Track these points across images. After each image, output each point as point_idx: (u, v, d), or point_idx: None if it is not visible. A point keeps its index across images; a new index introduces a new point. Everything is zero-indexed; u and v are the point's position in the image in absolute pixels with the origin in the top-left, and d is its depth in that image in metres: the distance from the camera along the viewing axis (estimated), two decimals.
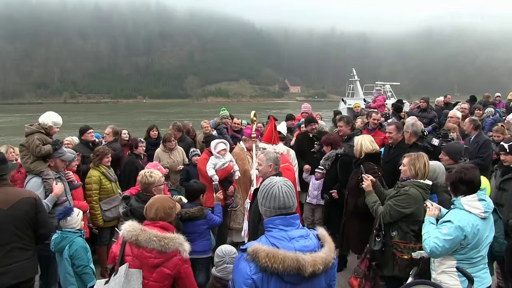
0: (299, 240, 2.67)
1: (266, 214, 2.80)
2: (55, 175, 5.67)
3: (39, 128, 5.84)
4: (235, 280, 2.68)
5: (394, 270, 4.71)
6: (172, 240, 3.53)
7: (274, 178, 2.88)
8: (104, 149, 7.10)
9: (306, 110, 11.00)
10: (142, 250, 3.52)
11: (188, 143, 9.92)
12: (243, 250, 2.66)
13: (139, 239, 3.50)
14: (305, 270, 2.50)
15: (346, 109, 23.42)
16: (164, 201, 3.84)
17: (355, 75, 33.10)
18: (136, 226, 3.58)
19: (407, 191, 4.61)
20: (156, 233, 3.54)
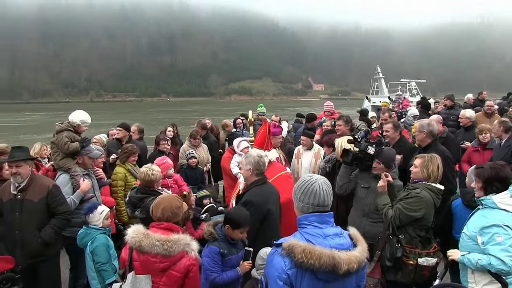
0: (334, 238, 2.67)
1: (302, 210, 2.80)
2: (83, 172, 5.78)
3: (68, 126, 5.96)
4: (268, 275, 2.67)
5: (397, 275, 4.50)
6: (176, 243, 3.41)
7: (314, 175, 2.89)
8: (132, 147, 7.21)
9: (328, 108, 10.91)
10: (147, 256, 3.42)
11: (211, 141, 9.99)
12: (277, 245, 2.65)
13: (142, 245, 3.39)
14: (340, 267, 2.50)
15: (371, 107, 23.17)
16: (171, 201, 3.73)
17: (380, 73, 32.68)
18: (140, 231, 3.47)
19: (418, 193, 4.44)
20: (159, 236, 3.43)
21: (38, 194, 4.80)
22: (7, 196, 4.86)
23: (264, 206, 4.59)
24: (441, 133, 7.73)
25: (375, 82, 33.02)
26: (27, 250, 4.78)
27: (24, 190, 4.79)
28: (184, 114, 62.91)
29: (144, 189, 5.32)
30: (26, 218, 4.72)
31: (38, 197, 4.79)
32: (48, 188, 4.87)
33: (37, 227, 4.78)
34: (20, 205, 4.76)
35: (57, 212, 4.94)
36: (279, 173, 5.94)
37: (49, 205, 4.86)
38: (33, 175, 4.95)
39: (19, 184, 4.78)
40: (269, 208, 4.64)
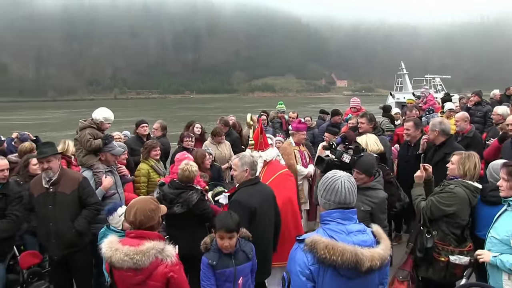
0: (357, 234, 2.68)
1: (324, 206, 2.82)
2: (106, 168, 5.89)
3: (91, 123, 6.07)
4: (290, 271, 2.68)
5: (428, 272, 4.50)
6: (145, 254, 3.17)
7: (338, 172, 2.89)
8: (152, 142, 7.28)
9: (354, 104, 10.81)
10: (121, 271, 3.24)
11: (234, 137, 10.00)
12: (299, 240, 2.67)
13: (113, 261, 3.21)
14: (363, 264, 2.51)
15: (395, 103, 22.91)
16: (144, 203, 3.47)
17: (404, 69, 32.35)
18: (111, 246, 3.27)
19: (452, 189, 4.40)
20: (128, 250, 3.21)
21: (69, 187, 4.99)
22: (38, 191, 5.06)
23: (251, 206, 4.53)
24: (467, 132, 7.57)
25: (399, 78, 32.70)
26: (61, 241, 4.96)
27: (56, 183, 4.97)
28: (205, 111, 63.27)
29: (179, 184, 5.38)
30: (59, 210, 4.90)
31: (70, 189, 4.98)
32: (79, 180, 5.07)
33: (70, 218, 4.97)
34: (53, 198, 4.93)
35: (88, 203, 5.13)
36: (278, 172, 5.82)
37: (80, 196, 5.04)
38: (62, 169, 5.16)
39: (50, 178, 4.91)
40: (256, 207, 4.55)
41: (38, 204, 5.07)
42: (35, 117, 63.20)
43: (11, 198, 5.17)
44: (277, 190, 5.36)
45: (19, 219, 5.20)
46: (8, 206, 5.14)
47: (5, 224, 5.04)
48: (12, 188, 5.31)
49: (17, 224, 5.22)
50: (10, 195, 5.18)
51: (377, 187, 4.73)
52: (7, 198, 5.15)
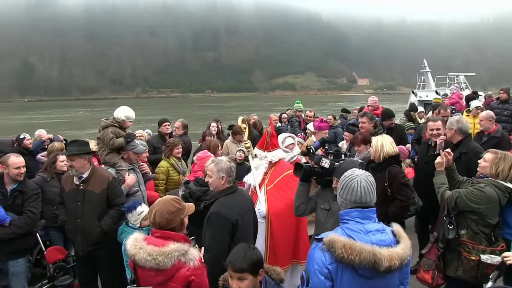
0: (375, 234, 2.65)
1: (342, 205, 2.82)
2: (128, 166, 5.97)
3: (113, 122, 6.15)
4: (309, 270, 2.67)
5: (458, 271, 4.35)
6: (168, 256, 3.08)
7: (356, 171, 2.88)
8: (174, 140, 7.35)
9: (372, 103, 10.70)
10: (143, 269, 3.18)
11: (254, 136, 10.02)
12: (318, 239, 2.66)
13: (136, 259, 3.15)
14: (381, 264, 2.48)
15: (417, 102, 22.64)
16: (164, 205, 3.34)
17: (426, 66, 31.82)
18: (136, 244, 3.20)
19: (482, 188, 4.22)
20: (152, 249, 3.13)
21: (99, 186, 5.10)
22: (69, 186, 5.21)
23: (233, 218, 4.04)
24: (493, 132, 7.39)
25: (421, 76, 32.19)
26: (87, 237, 5.07)
27: (86, 181, 5.09)
28: (224, 110, 63.20)
29: (202, 181, 5.44)
30: (87, 207, 5.01)
31: (99, 188, 5.09)
32: (109, 180, 5.18)
33: (97, 216, 5.08)
34: (82, 195, 5.05)
35: (115, 203, 5.24)
36: (285, 173, 5.62)
37: (108, 196, 5.14)
38: (94, 168, 5.25)
39: (81, 176, 5.04)
40: (237, 219, 4.06)
41: (68, 200, 5.19)
42: (58, 115, 64.27)
43: (28, 194, 5.26)
44: (282, 191, 5.32)
45: (35, 215, 5.28)
46: (25, 203, 5.24)
47: (21, 221, 5.13)
48: (28, 185, 5.40)
49: (34, 221, 5.30)
50: (27, 192, 5.27)
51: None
52: (24, 195, 5.25)
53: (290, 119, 11.88)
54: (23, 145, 8.90)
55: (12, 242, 5.04)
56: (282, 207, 5.20)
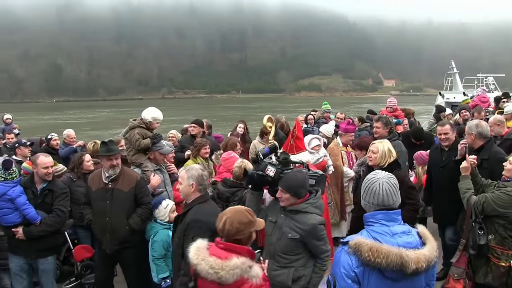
0: (401, 236, 2.64)
1: (365, 208, 2.82)
2: (155, 167, 6.05)
3: (140, 123, 6.25)
4: (335, 274, 2.66)
5: (487, 278, 4.27)
6: (231, 271, 2.91)
7: (379, 173, 2.87)
8: (202, 140, 7.40)
9: (391, 104, 10.60)
10: (204, 280, 3.04)
11: (281, 137, 10.01)
12: (344, 243, 2.65)
13: (198, 270, 3.01)
14: (408, 266, 2.47)
15: (444, 103, 22.31)
16: (236, 213, 3.20)
17: (454, 68, 31.35)
18: (199, 253, 3.05)
19: (509, 192, 4.18)
20: (214, 262, 2.97)
21: (127, 184, 5.21)
22: (96, 186, 5.33)
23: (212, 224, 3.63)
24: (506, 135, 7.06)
25: (449, 78, 31.72)
26: (115, 236, 5.16)
27: (115, 180, 5.20)
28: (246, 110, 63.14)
29: (233, 182, 5.52)
30: (116, 206, 5.11)
31: (128, 187, 5.20)
32: (137, 179, 5.29)
33: (125, 215, 5.18)
34: (111, 193, 5.17)
35: (143, 202, 5.33)
36: None
37: (136, 195, 5.23)
38: (122, 167, 5.35)
39: (109, 175, 5.14)
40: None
41: (96, 198, 5.29)
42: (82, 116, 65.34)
43: (56, 193, 5.36)
44: None
45: (64, 214, 5.39)
46: (54, 202, 5.35)
47: (51, 219, 5.25)
48: (57, 184, 5.51)
49: (62, 219, 5.41)
50: (56, 190, 5.37)
51: (310, 211, 3.82)
52: (53, 193, 5.35)
53: (317, 120, 11.81)
54: (50, 145, 9.10)
55: (41, 240, 5.16)
56: None
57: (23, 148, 8.23)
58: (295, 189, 3.76)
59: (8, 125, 13.67)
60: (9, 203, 5.06)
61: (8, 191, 5.05)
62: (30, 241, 5.14)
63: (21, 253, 5.26)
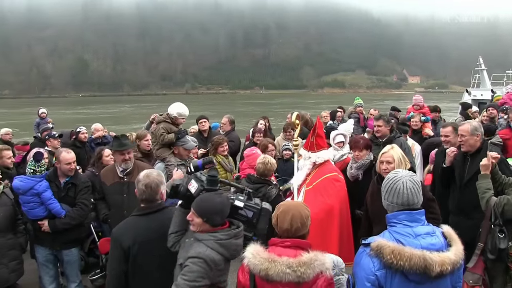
0: (425, 237, 2.57)
1: (388, 208, 2.75)
2: (178, 162, 6.11)
3: (166, 118, 6.35)
4: (356, 275, 2.63)
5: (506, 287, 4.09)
6: (310, 266, 2.78)
7: (400, 172, 2.81)
8: (218, 138, 7.42)
9: (417, 102, 10.45)
10: (276, 284, 2.81)
11: (304, 132, 9.97)
12: (365, 245, 2.61)
13: (270, 273, 2.78)
14: (432, 269, 2.41)
15: (471, 101, 21.90)
16: (299, 208, 3.05)
17: (482, 64, 30.61)
18: (262, 255, 2.84)
19: None
20: (288, 261, 2.80)
21: None
22: (111, 180, 5.40)
23: (125, 243, 3.52)
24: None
25: (476, 74, 31.03)
26: None
27: (130, 173, 5.26)
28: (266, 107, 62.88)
29: (257, 178, 5.55)
30: (132, 199, 5.16)
31: None
32: None
33: None
34: (127, 187, 5.23)
35: None
36: (324, 176, 5.32)
37: None
38: (135, 161, 5.47)
39: (124, 169, 5.23)
40: (129, 246, 3.50)
41: (112, 193, 5.40)
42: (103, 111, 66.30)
43: (79, 187, 5.47)
44: (319, 194, 5.12)
45: (87, 207, 5.51)
46: (77, 195, 5.46)
47: (75, 212, 5.37)
48: (80, 178, 5.64)
49: (85, 212, 5.53)
50: (79, 184, 5.48)
51: (208, 245, 3.04)
52: (76, 187, 5.46)
53: (349, 115, 11.67)
54: (78, 138, 9.29)
55: (65, 233, 5.29)
56: (316, 211, 4.71)
57: (52, 140, 8.45)
58: (208, 215, 3.05)
59: (43, 119, 14.06)
60: (36, 197, 5.18)
61: (35, 185, 5.17)
62: (55, 233, 5.27)
63: (47, 245, 5.41)
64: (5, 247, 5.21)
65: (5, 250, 5.21)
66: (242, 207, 3.16)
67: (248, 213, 3.15)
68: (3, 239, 5.21)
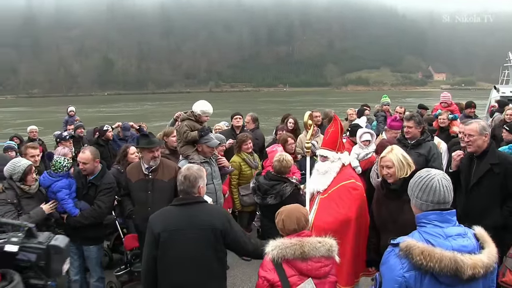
0: (456, 238, 2.50)
1: (421, 208, 2.67)
2: (202, 159, 6.15)
3: (190, 116, 6.40)
4: (383, 276, 2.58)
5: None
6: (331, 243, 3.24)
7: (431, 170, 2.75)
8: (242, 136, 7.46)
9: (445, 99, 10.29)
10: (310, 262, 3.16)
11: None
12: (394, 245, 2.55)
13: (305, 250, 3.13)
14: (463, 272, 2.34)
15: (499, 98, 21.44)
16: (299, 209, 3.51)
17: (511, 60, 30.06)
18: (290, 241, 3.19)
19: None
20: (316, 238, 3.25)
21: (167, 175, 5.36)
22: (136, 177, 5.47)
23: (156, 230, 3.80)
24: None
25: (505, 71, 30.40)
26: None
27: (155, 171, 5.32)
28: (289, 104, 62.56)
29: (274, 175, 5.56)
30: (157, 196, 5.25)
31: (168, 177, 5.35)
32: (176, 169, 5.44)
33: (166, 204, 5.26)
34: (152, 184, 5.32)
35: None
36: (341, 183, 4.87)
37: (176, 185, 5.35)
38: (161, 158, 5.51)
39: (149, 166, 5.30)
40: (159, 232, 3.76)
41: (137, 190, 5.47)
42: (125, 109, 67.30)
43: (100, 188, 5.53)
44: (333, 203, 4.76)
45: (101, 209, 5.50)
46: (96, 196, 5.52)
47: (88, 213, 5.44)
48: (104, 178, 5.64)
49: (99, 214, 5.53)
50: (99, 185, 5.54)
51: None
52: (97, 188, 5.53)
53: (376, 114, 11.62)
54: (105, 137, 9.43)
55: (83, 230, 5.39)
56: (330, 220, 4.63)
57: (64, 142, 8.60)
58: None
59: (71, 117, 14.30)
60: (53, 194, 5.33)
61: (52, 184, 5.32)
62: (74, 228, 5.39)
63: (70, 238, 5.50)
64: None
65: None
66: (18, 251, 2.24)
67: (30, 256, 2.26)
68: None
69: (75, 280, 5.68)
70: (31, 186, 5.22)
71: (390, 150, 4.32)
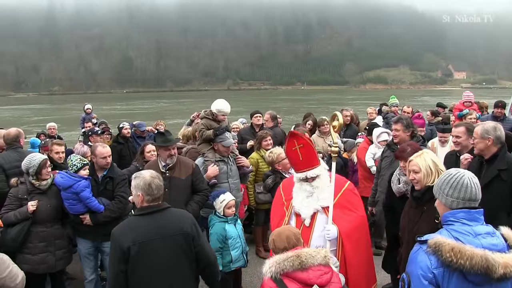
0: (485, 237, 2.50)
1: (452, 205, 2.66)
2: (217, 158, 6.24)
3: (208, 114, 6.50)
4: (411, 273, 2.57)
5: None
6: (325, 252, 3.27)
7: (460, 169, 2.79)
8: (262, 133, 7.52)
9: (469, 98, 10.21)
10: (310, 271, 3.10)
11: (354, 129, 9.96)
12: (421, 242, 2.56)
13: (303, 259, 3.10)
14: (494, 271, 2.32)
15: None
16: (290, 229, 3.53)
17: None
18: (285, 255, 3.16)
19: None
20: (310, 249, 3.29)
21: (184, 172, 5.46)
22: None
23: (125, 244, 3.47)
24: None
25: None
26: None
27: (172, 168, 5.42)
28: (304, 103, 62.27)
29: (271, 169, 6.33)
30: (174, 193, 5.34)
31: (185, 174, 5.45)
32: (193, 167, 5.51)
33: (183, 202, 5.41)
34: (169, 182, 5.36)
35: (199, 189, 5.56)
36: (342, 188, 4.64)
37: (193, 182, 5.45)
38: (177, 156, 5.63)
39: (166, 164, 5.40)
40: (129, 246, 3.46)
41: None
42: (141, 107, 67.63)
43: (117, 180, 5.66)
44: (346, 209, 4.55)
45: (126, 200, 5.66)
46: (115, 189, 5.65)
47: (114, 205, 5.55)
48: (116, 171, 5.81)
49: (124, 205, 5.69)
50: (116, 178, 5.67)
51: None
52: (114, 180, 5.65)
53: (385, 115, 11.62)
54: (121, 134, 9.53)
55: (106, 225, 5.40)
56: (352, 226, 4.45)
57: (95, 136, 8.73)
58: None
59: (88, 114, 14.51)
60: (75, 195, 5.34)
61: (74, 185, 5.32)
62: (96, 226, 5.47)
63: (89, 237, 5.63)
64: (52, 236, 5.43)
65: (52, 239, 5.43)
66: None
67: None
68: (51, 228, 5.43)
69: (91, 280, 5.78)
70: (43, 181, 5.37)
71: (420, 154, 4.05)
